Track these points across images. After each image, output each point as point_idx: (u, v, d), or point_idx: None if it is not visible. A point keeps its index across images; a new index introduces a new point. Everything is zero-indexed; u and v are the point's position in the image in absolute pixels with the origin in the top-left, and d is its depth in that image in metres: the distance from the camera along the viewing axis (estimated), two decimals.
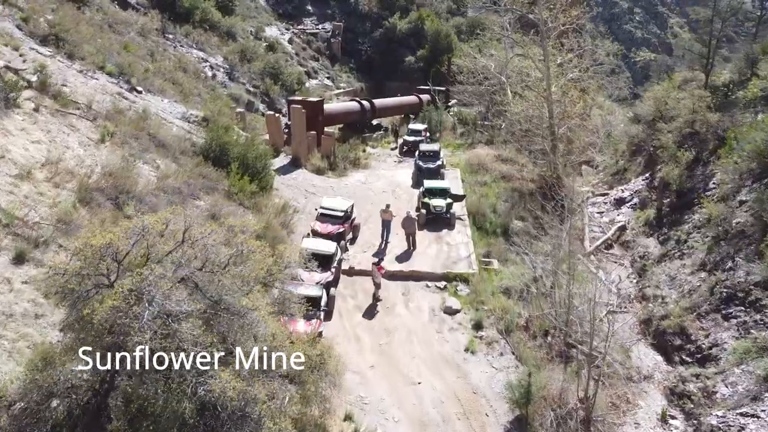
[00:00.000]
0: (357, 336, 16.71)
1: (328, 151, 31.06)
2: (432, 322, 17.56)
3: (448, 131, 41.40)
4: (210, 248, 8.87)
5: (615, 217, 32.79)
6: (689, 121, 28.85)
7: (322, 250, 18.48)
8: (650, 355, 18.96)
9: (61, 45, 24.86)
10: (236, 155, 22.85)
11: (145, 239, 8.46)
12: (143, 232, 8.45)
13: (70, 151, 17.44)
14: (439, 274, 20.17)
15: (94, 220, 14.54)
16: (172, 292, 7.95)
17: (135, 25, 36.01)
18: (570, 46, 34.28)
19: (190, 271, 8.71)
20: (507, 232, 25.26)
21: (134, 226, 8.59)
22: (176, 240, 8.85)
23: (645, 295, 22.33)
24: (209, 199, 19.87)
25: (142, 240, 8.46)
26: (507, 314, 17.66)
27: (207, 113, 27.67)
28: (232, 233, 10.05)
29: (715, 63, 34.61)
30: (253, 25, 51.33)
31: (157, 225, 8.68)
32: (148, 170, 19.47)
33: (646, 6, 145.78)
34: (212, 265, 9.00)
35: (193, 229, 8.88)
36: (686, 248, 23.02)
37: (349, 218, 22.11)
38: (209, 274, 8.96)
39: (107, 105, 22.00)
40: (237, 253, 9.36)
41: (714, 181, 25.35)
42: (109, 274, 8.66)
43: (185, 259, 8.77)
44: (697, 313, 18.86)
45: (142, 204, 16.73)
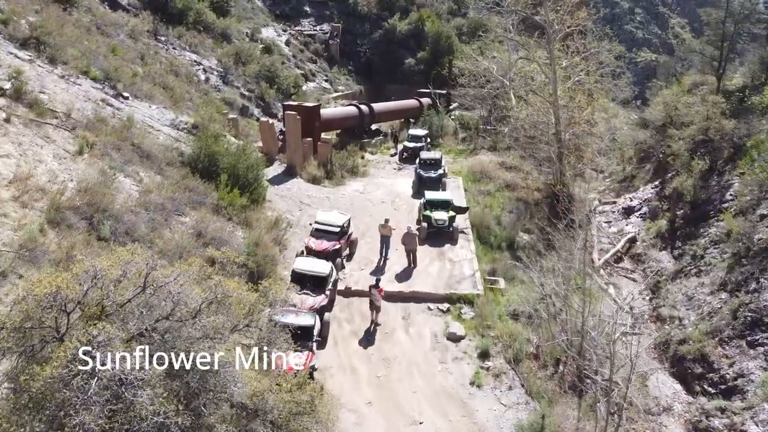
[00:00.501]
0: (353, 367, 15.39)
1: (324, 159, 29.75)
2: (434, 351, 16.25)
3: (450, 136, 40.12)
4: (176, 295, 7.55)
5: (624, 227, 31.49)
6: (703, 128, 27.53)
7: (315, 271, 17.16)
8: (668, 384, 17.65)
9: (42, 49, 23.50)
10: (226, 166, 21.52)
11: (98, 287, 7.13)
12: (95, 279, 7.14)
13: (42, 165, 16.11)
14: (442, 295, 18.85)
15: (63, 244, 13.22)
16: (128, 354, 6.64)
17: (125, 26, 34.67)
18: (575, 48, 32.99)
19: (151, 324, 7.40)
20: (513, 246, 23.98)
21: (85, 271, 7.25)
22: (137, 285, 7.54)
23: (660, 316, 21.02)
24: (195, 214, 18.54)
25: (95, 288, 7.14)
26: (515, 341, 16.34)
27: (197, 120, 26.32)
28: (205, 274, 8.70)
29: (727, 66, 33.34)
30: (249, 27, 49.97)
31: (112, 270, 7.37)
32: (129, 184, 18.14)
33: (647, 6, 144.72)
34: (180, 313, 7.67)
35: (157, 272, 7.56)
36: (703, 265, 21.70)
37: (345, 233, 20.78)
38: (177, 324, 7.65)
39: (89, 113, 20.67)
40: (210, 299, 8.04)
41: (731, 193, 24.04)
42: (58, 326, 7.34)
43: (147, 308, 7.45)
44: (720, 339, 17.55)
45: (120, 223, 15.41)
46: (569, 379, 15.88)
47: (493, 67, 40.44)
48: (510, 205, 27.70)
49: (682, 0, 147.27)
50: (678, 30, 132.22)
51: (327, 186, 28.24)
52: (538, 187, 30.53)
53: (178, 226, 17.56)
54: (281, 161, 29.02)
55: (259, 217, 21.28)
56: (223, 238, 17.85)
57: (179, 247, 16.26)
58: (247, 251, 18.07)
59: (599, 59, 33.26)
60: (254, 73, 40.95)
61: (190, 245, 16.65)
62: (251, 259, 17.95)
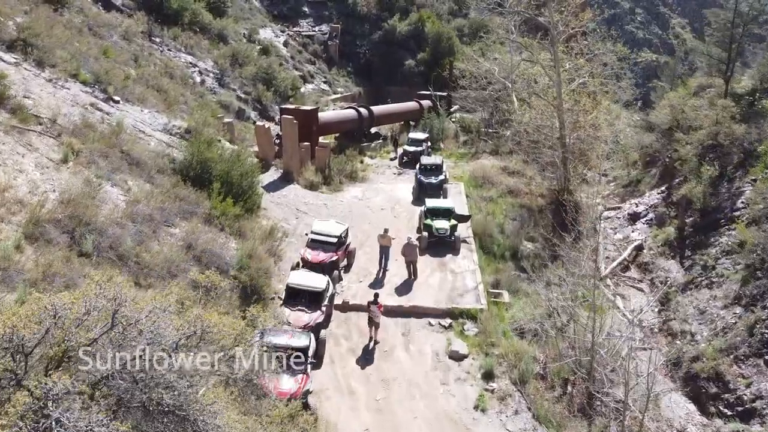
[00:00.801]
0: (350, 388, 14.56)
1: (322, 164, 28.92)
2: (436, 371, 15.41)
3: (451, 139, 39.27)
4: (149, 332, 6.73)
5: (629, 233, 30.67)
6: (712, 133, 26.71)
7: (311, 286, 16.31)
8: (681, 404, 16.82)
9: (29, 51, 22.67)
10: (219, 173, 20.68)
11: (59, 327, 6.32)
12: (56, 319, 6.32)
13: (23, 175, 15.28)
14: (444, 309, 18.02)
15: (41, 261, 12.40)
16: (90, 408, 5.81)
17: (119, 27, 33.86)
18: (579, 49, 32.17)
19: (121, 364, 6.57)
20: (516, 256, 23.18)
21: (43, 309, 6.43)
22: (105, 321, 6.72)
23: (670, 330, 20.21)
24: (186, 225, 17.70)
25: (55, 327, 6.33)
26: (521, 360, 15.51)
27: (191, 124, 25.48)
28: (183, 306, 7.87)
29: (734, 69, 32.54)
30: (247, 27, 49.16)
31: (75, 307, 6.54)
32: (116, 194, 17.30)
33: (648, 6, 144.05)
34: (154, 352, 6.85)
35: (126, 308, 6.74)
36: (715, 276, 20.90)
37: (343, 244, 19.94)
38: (149, 365, 6.82)
39: (76, 118, 19.84)
40: (188, 334, 7.22)
41: (742, 200, 23.24)
42: (15, 370, 6.52)
43: (116, 347, 6.63)
44: (735, 357, 16.74)
45: (104, 237, 14.56)
46: (578, 401, 15.06)
47: (494, 69, 39.65)
48: (513, 212, 26.89)
49: (682, 0, 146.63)
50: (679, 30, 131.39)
51: (325, 192, 27.41)
52: (542, 193, 29.72)
53: (167, 238, 16.73)
54: (278, 167, 28.19)
55: (253, 226, 20.45)
56: (215, 250, 17.03)
57: (167, 261, 15.45)
58: (239, 265, 17.27)
59: (603, 61, 32.46)
60: (251, 75, 40.14)
61: (180, 259, 15.85)
62: (244, 273, 17.16)
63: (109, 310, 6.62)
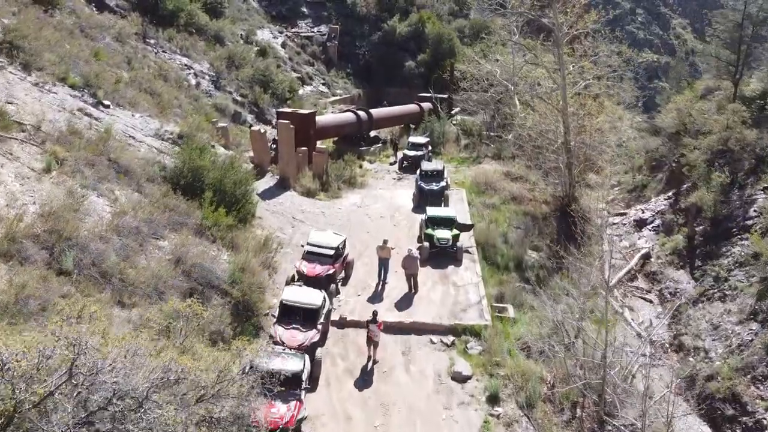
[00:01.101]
0: (347, 414, 13.72)
1: (320, 170, 28.07)
2: (438, 394, 14.57)
3: (452, 143, 38.39)
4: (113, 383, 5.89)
5: (636, 241, 29.85)
6: (723, 138, 25.88)
7: (306, 303, 15.45)
8: (696, 426, 16.01)
9: (15, 54, 21.84)
10: (212, 181, 19.83)
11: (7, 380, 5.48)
12: (2, 372, 5.49)
13: (1, 187, 14.46)
14: (446, 326, 17.17)
15: (14, 282, 11.56)
16: None
17: (112, 29, 33.01)
18: (583, 51, 31.33)
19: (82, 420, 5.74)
20: (521, 266, 22.36)
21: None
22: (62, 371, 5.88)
23: (682, 345, 19.38)
24: (175, 238, 16.85)
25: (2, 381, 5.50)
26: (527, 382, 14.68)
27: (184, 129, 24.63)
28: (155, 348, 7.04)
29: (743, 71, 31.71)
30: (244, 28, 48.33)
31: (26, 358, 5.70)
32: (102, 205, 16.45)
33: (648, 7, 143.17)
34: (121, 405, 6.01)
35: (87, 357, 5.90)
36: (728, 288, 20.07)
37: (340, 256, 19.08)
38: (117, 417, 5.99)
39: (61, 125, 18.99)
40: (162, 380, 6.39)
41: (755, 209, 22.42)
42: None
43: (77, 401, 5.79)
44: (753, 377, 15.92)
45: (86, 253, 13.71)
46: (588, 426, 14.23)
47: (496, 71, 38.85)
48: (517, 219, 26.04)
49: (683, 1, 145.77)
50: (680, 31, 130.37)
51: (322, 199, 26.56)
52: (546, 200, 28.88)
53: (154, 252, 15.89)
54: (273, 173, 27.35)
55: (247, 237, 19.60)
56: (205, 264, 16.19)
57: (154, 277, 14.63)
58: (231, 279, 16.43)
59: (608, 63, 31.64)
60: (248, 77, 39.32)
61: (167, 275, 15.01)
62: (236, 288, 16.33)
63: (67, 358, 5.80)
